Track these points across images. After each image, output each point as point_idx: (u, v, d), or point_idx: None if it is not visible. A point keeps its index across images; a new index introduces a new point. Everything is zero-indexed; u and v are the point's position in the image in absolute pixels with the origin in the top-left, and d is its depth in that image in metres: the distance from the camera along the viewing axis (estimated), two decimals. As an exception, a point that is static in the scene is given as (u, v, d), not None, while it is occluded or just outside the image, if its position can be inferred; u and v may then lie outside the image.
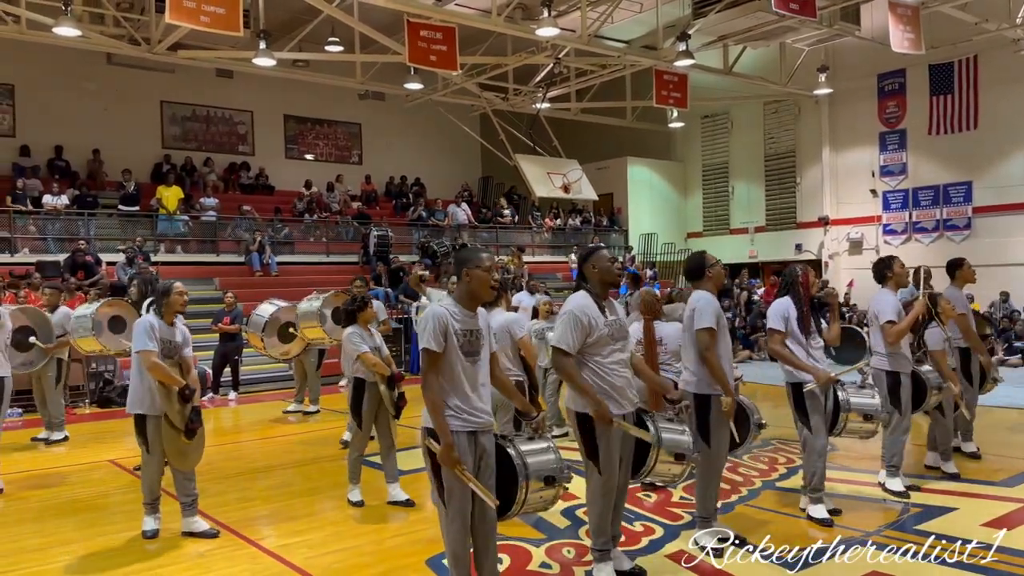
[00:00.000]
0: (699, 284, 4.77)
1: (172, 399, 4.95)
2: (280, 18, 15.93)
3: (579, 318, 3.94)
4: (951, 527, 4.94)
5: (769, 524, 5.13)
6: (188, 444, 5.05)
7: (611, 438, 3.95)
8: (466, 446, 3.51)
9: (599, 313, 3.98)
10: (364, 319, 6.01)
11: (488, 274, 3.56)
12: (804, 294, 5.08)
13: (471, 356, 3.55)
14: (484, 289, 3.58)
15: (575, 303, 4.01)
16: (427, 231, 19.42)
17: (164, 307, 5.08)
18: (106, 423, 10.30)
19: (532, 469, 3.64)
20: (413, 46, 12.88)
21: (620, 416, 3.98)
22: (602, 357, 3.98)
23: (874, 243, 19.07)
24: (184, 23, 11.12)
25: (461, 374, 3.52)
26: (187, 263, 15.91)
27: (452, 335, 3.50)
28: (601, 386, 3.96)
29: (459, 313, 3.57)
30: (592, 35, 14.50)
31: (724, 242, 22.12)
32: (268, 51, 13.45)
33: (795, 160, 20.64)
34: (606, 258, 4.11)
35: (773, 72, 18.12)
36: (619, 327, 4.07)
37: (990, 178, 17.17)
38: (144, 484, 5.17)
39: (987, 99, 17.08)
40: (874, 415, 5.25)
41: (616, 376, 4.00)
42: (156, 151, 19.15)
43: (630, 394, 4.08)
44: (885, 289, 5.75)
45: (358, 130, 22.77)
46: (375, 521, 5.41)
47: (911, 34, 13.70)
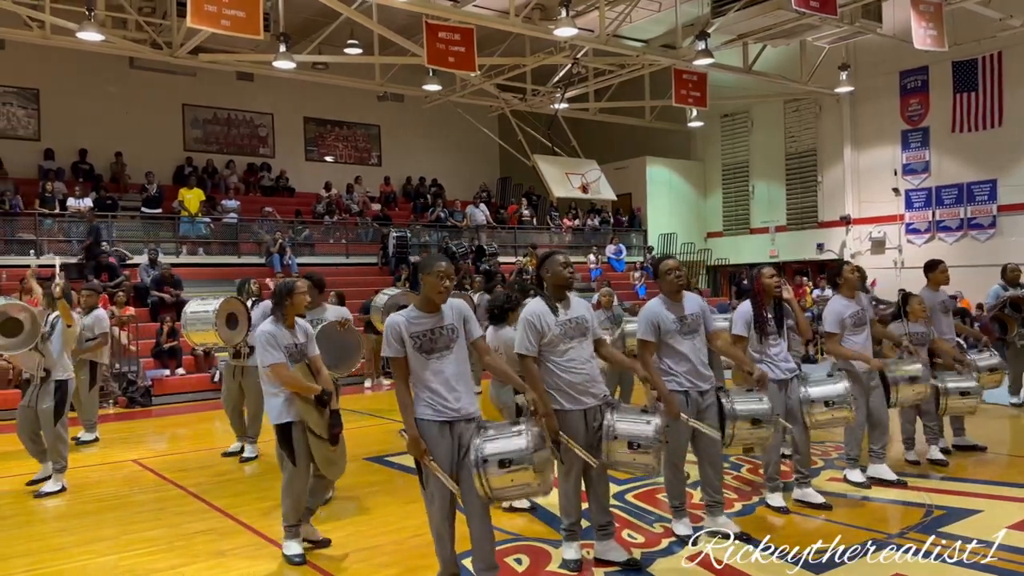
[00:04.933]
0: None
1: (311, 407, 4.68)
2: (299, 21, 16.05)
3: (532, 322, 4.26)
4: (976, 530, 4.87)
5: (788, 525, 5.09)
6: (334, 451, 4.78)
7: (572, 434, 4.19)
8: (437, 435, 3.80)
9: (551, 316, 4.27)
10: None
11: (439, 280, 3.83)
12: (760, 298, 5.31)
13: (434, 353, 3.84)
14: (434, 294, 3.86)
15: (528, 310, 4.34)
16: (446, 232, 19.45)
17: (287, 309, 4.77)
18: (130, 423, 10.42)
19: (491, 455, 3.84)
20: (431, 47, 12.92)
21: (582, 411, 4.24)
22: (557, 356, 4.27)
23: (897, 242, 18.87)
24: (205, 27, 11.23)
25: (426, 371, 3.83)
26: (209, 265, 16.06)
27: (407, 339, 3.83)
28: (558, 384, 4.24)
29: (416, 316, 3.88)
30: (610, 35, 14.46)
31: (744, 242, 21.99)
32: (288, 54, 13.54)
33: (816, 159, 20.46)
34: (558, 262, 4.36)
35: (794, 70, 17.98)
36: (574, 325, 4.31)
37: (1015, 176, 16.92)
38: (287, 502, 4.69)
39: (1012, 96, 16.84)
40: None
41: (572, 373, 4.26)
42: (178, 154, 19.35)
43: (592, 389, 4.29)
44: (836, 296, 5.90)
45: (377, 132, 22.87)
46: (395, 521, 5.42)
47: (934, 31, 13.54)
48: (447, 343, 3.87)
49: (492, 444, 3.77)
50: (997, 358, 7.41)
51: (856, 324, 5.82)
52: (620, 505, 5.56)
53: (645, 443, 4.18)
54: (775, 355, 5.35)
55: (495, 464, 3.72)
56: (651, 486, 5.90)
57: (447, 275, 3.86)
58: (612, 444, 4.23)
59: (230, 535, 5.24)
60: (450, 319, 3.91)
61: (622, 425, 4.24)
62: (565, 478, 4.36)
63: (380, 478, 6.63)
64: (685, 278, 4.93)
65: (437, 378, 3.82)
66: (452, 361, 3.87)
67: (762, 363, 5.30)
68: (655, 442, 4.18)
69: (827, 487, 5.96)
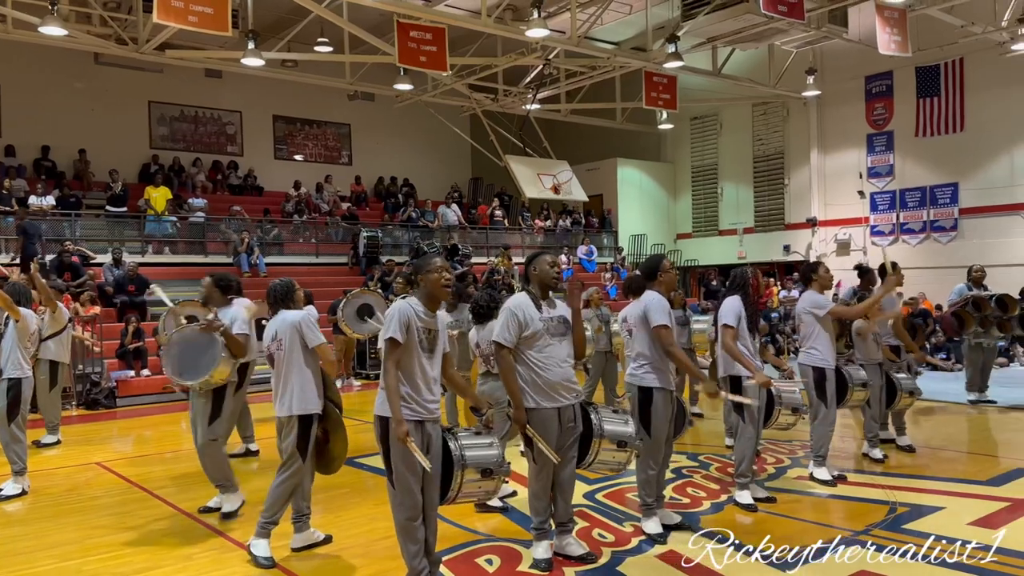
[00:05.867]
0: (651, 285, 5.04)
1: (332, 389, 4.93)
2: (269, 18, 15.89)
3: (515, 313, 4.33)
4: (939, 526, 4.97)
5: (759, 523, 5.15)
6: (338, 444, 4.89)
7: (544, 430, 4.28)
8: (417, 433, 3.87)
9: (535, 311, 4.34)
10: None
11: (439, 275, 3.94)
12: (753, 296, 5.49)
13: (427, 352, 3.93)
14: (438, 289, 3.95)
15: (513, 302, 4.41)
16: (417, 232, 19.39)
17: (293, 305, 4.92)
18: (93, 425, 10.24)
19: (469, 460, 4.01)
20: (403, 47, 12.87)
21: (556, 409, 4.31)
22: (536, 352, 4.32)
23: (861, 244, 19.19)
24: (172, 23, 11.07)
25: (416, 367, 3.89)
26: (175, 264, 15.83)
27: (414, 330, 3.87)
28: (533, 380, 4.31)
29: (423, 312, 3.93)
30: (582, 36, 14.51)
31: (713, 243, 22.22)
32: (257, 51, 13.40)
33: (783, 161, 20.73)
34: (546, 262, 4.47)
35: (762, 74, 18.20)
36: (556, 324, 4.39)
37: (976, 180, 17.30)
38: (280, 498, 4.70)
39: (973, 102, 17.21)
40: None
41: (549, 371, 4.32)
42: (144, 151, 19.05)
43: (567, 389, 4.36)
44: (810, 291, 6.13)
45: (347, 131, 22.73)
46: (364, 523, 5.39)
47: (898, 36, 13.79)
48: (435, 347, 4.00)
49: (472, 452, 3.96)
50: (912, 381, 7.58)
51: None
52: (591, 504, 5.59)
53: (630, 441, 4.43)
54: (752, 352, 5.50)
55: (477, 471, 3.93)
56: (620, 485, 5.94)
57: (445, 268, 3.98)
58: (601, 443, 4.40)
59: (197, 538, 5.17)
60: (441, 326, 4.06)
61: (608, 426, 4.44)
62: (536, 477, 4.41)
63: (349, 479, 6.58)
64: None
65: (422, 376, 3.91)
66: (435, 364, 4.01)
67: None
68: (635, 440, 4.42)
69: (794, 485, 6.05)
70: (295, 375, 4.72)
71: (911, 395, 6.71)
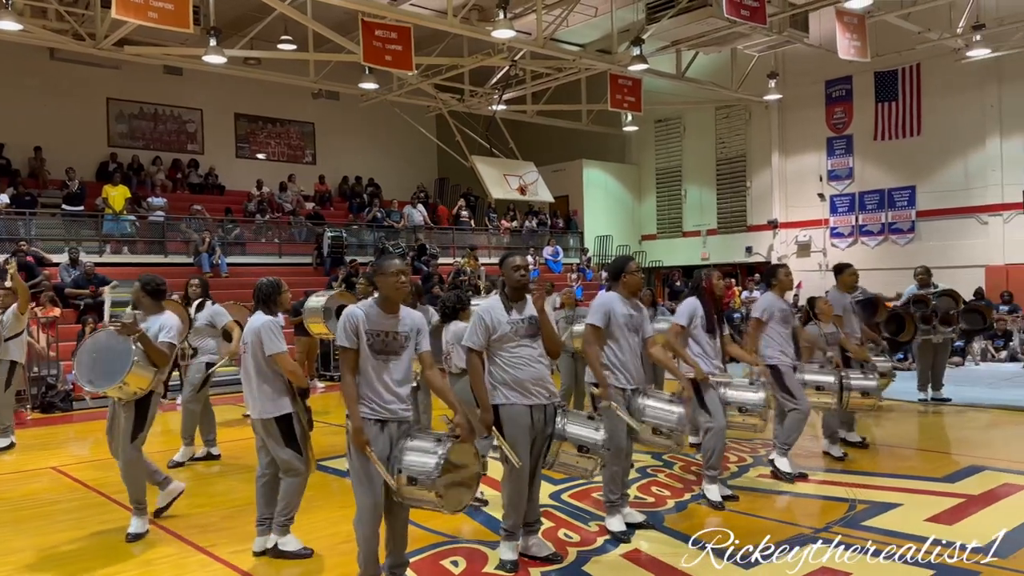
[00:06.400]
0: (614, 285, 5.07)
1: (296, 400, 4.75)
2: (231, 15, 15.68)
3: (483, 317, 4.39)
4: (897, 523, 5.07)
5: (722, 522, 5.20)
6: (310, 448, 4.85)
7: (516, 427, 4.31)
8: (377, 432, 3.87)
9: (503, 313, 4.38)
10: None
11: (396, 277, 3.91)
12: (708, 297, 5.60)
13: (382, 355, 3.91)
14: (393, 292, 3.93)
15: (483, 305, 4.49)
16: (383, 232, 19.27)
17: (275, 306, 4.85)
18: (49, 428, 10.00)
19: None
20: (368, 45, 12.78)
21: (528, 407, 4.33)
22: (507, 352, 4.36)
23: (822, 246, 19.53)
24: (131, 19, 10.86)
25: (371, 370, 3.90)
26: (134, 264, 15.52)
27: (363, 334, 3.88)
28: (504, 379, 4.35)
29: (375, 315, 3.93)
30: (548, 38, 14.55)
31: (677, 244, 22.44)
32: (218, 48, 13.19)
33: (746, 164, 21.02)
34: (510, 266, 4.43)
35: (724, 78, 18.42)
36: (527, 325, 4.40)
37: (933, 183, 17.71)
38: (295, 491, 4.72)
39: (929, 106, 17.62)
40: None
41: (519, 369, 4.35)
42: (101, 149, 18.67)
43: (539, 387, 4.38)
44: (769, 293, 6.34)
45: (311, 129, 22.51)
46: (329, 527, 5.34)
47: (857, 42, 14.05)
48: (397, 349, 3.96)
49: (408, 456, 3.85)
50: (889, 363, 7.78)
51: (783, 320, 6.26)
52: (556, 504, 5.60)
53: (593, 448, 4.35)
54: (711, 354, 5.60)
55: (405, 477, 3.83)
56: (586, 486, 5.95)
57: (402, 272, 3.95)
58: (561, 445, 4.36)
59: (157, 543, 5.08)
60: (406, 327, 4.00)
61: (572, 429, 4.39)
62: (510, 480, 4.40)
63: (314, 482, 6.46)
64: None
65: (380, 379, 3.90)
66: (398, 367, 3.96)
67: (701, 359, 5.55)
68: (601, 449, 4.34)
69: (756, 483, 6.13)
70: (260, 379, 4.69)
71: (864, 395, 6.77)
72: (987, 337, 14.45)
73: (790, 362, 6.25)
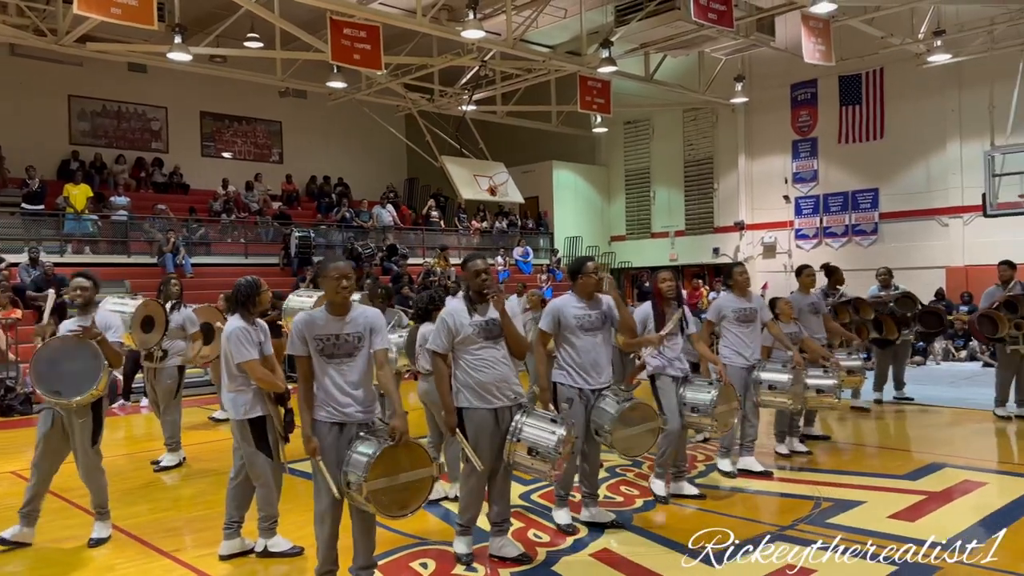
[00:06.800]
0: (572, 286, 5.10)
1: (272, 404, 4.71)
2: (197, 12, 15.47)
3: (445, 320, 4.44)
4: (862, 520, 5.15)
5: (690, 520, 5.25)
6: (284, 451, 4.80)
7: (479, 431, 4.35)
8: (336, 435, 3.86)
9: (466, 315, 4.40)
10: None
11: (337, 281, 3.84)
12: (656, 299, 5.65)
13: (334, 359, 3.87)
14: (335, 294, 3.87)
15: (446, 308, 4.55)
16: (351, 233, 19.14)
17: (254, 307, 4.76)
18: (8, 432, 9.77)
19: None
20: (336, 44, 12.68)
21: (492, 409, 4.35)
22: (470, 355, 4.39)
23: (787, 247, 19.79)
24: (94, 15, 10.67)
25: (322, 375, 3.88)
26: (96, 264, 15.22)
27: (310, 340, 3.86)
28: (467, 382, 4.38)
29: (322, 319, 3.90)
30: (517, 39, 14.57)
31: (646, 245, 22.59)
32: (183, 46, 13.01)
33: (713, 166, 21.23)
34: (471, 270, 4.45)
35: (692, 81, 18.59)
36: (489, 328, 4.41)
37: (895, 185, 18.03)
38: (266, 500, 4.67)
39: (892, 110, 17.94)
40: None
41: (483, 372, 4.37)
42: (63, 147, 18.30)
43: (504, 390, 4.40)
44: (725, 293, 6.50)
45: (279, 128, 22.29)
46: (295, 530, 5.28)
47: (822, 46, 14.26)
48: (350, 351, 3.89)
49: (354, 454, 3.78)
50: (859, 360, 7.89)
51: (741, 320, 6.34)
52: (526, 505, 5.61)
53: (544, 452, 4.29)
54: (671, 355, 5.62)
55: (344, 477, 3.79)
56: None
57: (344, 275, 3.87)
58: (515, 446, 4.35)
59: (119, 547, 4.99)
60: (357, 327, 3.92)
61: (528, 431, 4.36)
62: (468, 477, 4.44)
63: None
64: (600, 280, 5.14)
65: (334, 383, 3.86)
66: (353, 368, 3.90)
67: (657, 358, 5.60)
68: (554, 453, 4.27)
69: (723, 482, 6.19)
70: (233, 382, 4.68)
71: (819, 393, 6.85)
72: (948, 337, 14.75)
73: (744, 362, 6.32)
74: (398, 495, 3.76)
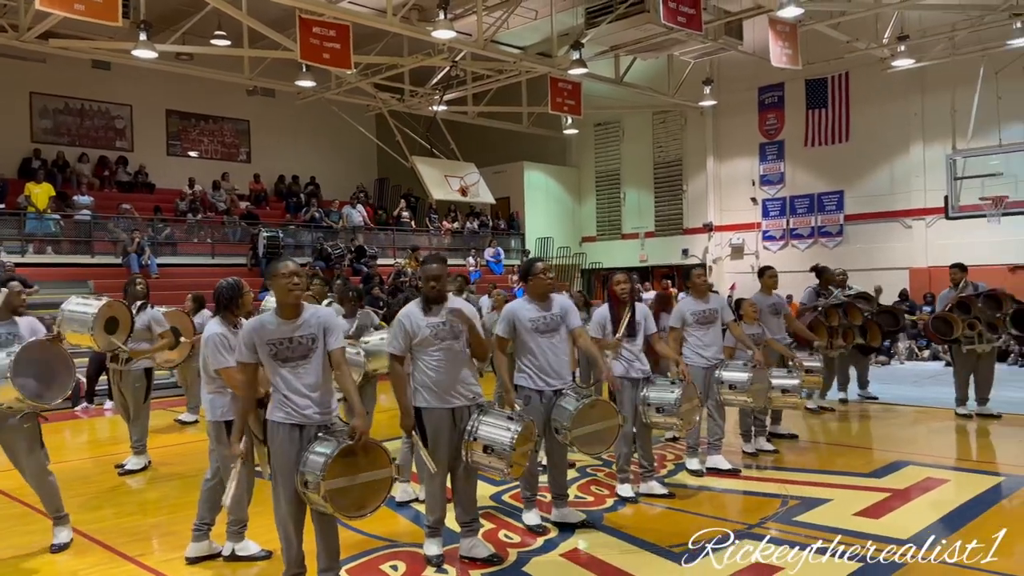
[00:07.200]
0: (525, 288, 5.14)
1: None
2: (162, 8, 15.21)
3: (402, 323, 4.42)
4: (829, 517, 5.22)
5: (658, 519, 5.28)
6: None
7: (437, 430, 4.38)
8: (294, 436, 3.81)
9: (421, 317, 4.40)
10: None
11: (287, 280, 3.78)
12: (612, 301, 5.69)
13: (289, 362, 3.81)
14: (285, 294, 3.80)
15: (403, 311, 4.49)
16: (321, 233, 18.99)
17: (236, 310, 4.68)
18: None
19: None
20: (305, 43, 12.58)
21: (450, 409, 4.39)
22: (427, 356, 4.41)
23: (754, 248, 20.02)
24: (56, 10, 10.46)
25: (277, 378, 3.83)
26: (59, 265, 14.96)
27: (261, 346, 3.80)
28: (425, 382, 4.41)
29: (273, 323, 3.83)
30: (488, 40, 14.56)
31: (616, 246, 22.71)
32: (149, 43, 12.81)
33: (682, 168, 21.41)
34: (426, 274, 4.44)
35: (661, 83, 18.73)
36: (446, 330, 4.40)
37: (860, 188, 18.33)
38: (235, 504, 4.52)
39: (858, 113, 18.24)
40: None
41: (440, 372, 4.39)
42: (24, 145, 17.91)
43: (461, 389, 4.43)
44: (686, 297, 6.58)
45: (246, 127, 22.03)
46: (263, 533, 5.22)
47: (789, 50, 14.45)
48: (304, 353, 3.83)
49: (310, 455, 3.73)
50: (819, 361, 7.96)
51: (700, 322, 6.42)
52: (496, 505, 5.61)
53: (499, 449, 4.30)
54: (629, 357, 5.66)
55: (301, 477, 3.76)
56: (527, 486, 5.96)
57: (294, 273, 3.80)
58: (471, 444, 4.37)
59: (83, 553, 4.90)
60: (310, 329, 3.85)
61: (484, 429, 4.38)
62: (431, 478, 4.46)
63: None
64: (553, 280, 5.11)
65: (290, 386, 3.81)
66: (308, 371, 3.83)
67: (617, 361, 5.61)
68: (509, 450, 4.28)
69: (691, 480, 6.24)
70: (211, 384, 4.64)
71: (784, 393, 6.91)
72: (911, 337, 15.02)
73: (705, 363, 6.39)
74: (357, 495, 3.73)
